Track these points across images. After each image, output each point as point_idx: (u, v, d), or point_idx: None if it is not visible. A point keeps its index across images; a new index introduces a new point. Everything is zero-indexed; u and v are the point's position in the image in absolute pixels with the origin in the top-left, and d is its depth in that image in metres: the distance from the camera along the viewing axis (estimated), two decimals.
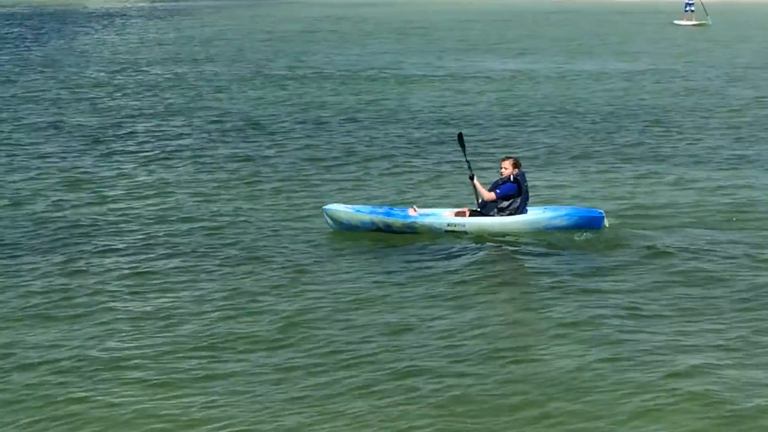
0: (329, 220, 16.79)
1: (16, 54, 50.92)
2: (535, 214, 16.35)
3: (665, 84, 36.85)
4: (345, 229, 16.70)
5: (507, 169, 16.24)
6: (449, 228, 16.35)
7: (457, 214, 16.61)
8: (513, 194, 16.28)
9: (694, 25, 64.23)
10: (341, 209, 16.81)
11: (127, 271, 14.87)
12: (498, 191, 16.27)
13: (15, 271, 14.91)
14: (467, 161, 17.10)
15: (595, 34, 59.06)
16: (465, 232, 16.29)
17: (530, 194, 16.57)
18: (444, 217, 16.55)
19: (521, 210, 16.29)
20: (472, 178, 16.56)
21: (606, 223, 16.25)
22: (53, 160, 23.24)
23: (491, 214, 16.39)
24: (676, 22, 65.38)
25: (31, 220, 17.89)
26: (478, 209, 16.54)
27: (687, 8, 65.80)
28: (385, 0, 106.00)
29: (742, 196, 19.13)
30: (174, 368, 11.31)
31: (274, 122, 28.64)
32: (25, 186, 20.62)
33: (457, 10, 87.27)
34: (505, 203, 16.30)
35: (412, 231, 16.47)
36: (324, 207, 17.04)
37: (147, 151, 24.43)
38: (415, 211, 16.66)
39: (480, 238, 16.12)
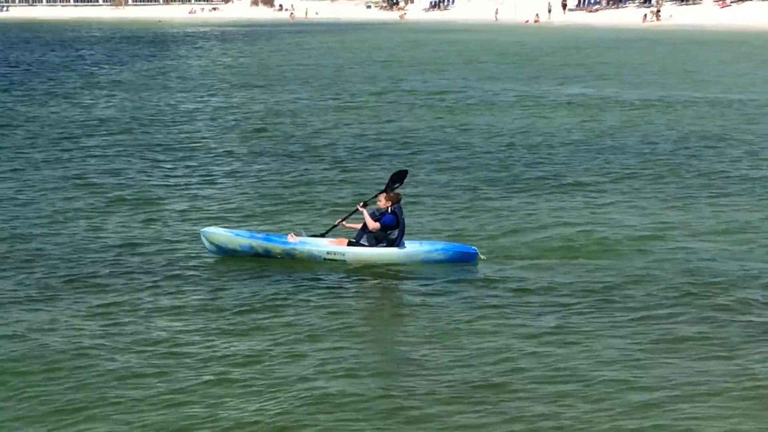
0: (207, 244, 16.53)
1: (90, 75, 52.52)
2: (413, 248, 16.53)
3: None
4: (223, 254, 16.47)
5: (381, 201, 16.45)
6: (328, 256, 16.35)
7: (334, 244, 16.59)
8: (392, 226, 16.35)
9: None
10: (220, 233, 16.59)
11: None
12: (382, 221, 16.30)
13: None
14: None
15: (669, 63, 57.73)
16: (344, 261, 16.27)
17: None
18: (323, 245, 16.47)
19: (398, 242, 16.44)
20: (364, 206, 16.57)
21: (481, 257, 16.54)
22: (108, 180, 23.55)
23: (368, 245, 16.39)
24: None
25: (69, 240, 18.03)
26: (354, 239, 16.53)
27: None
28: (474, 26, 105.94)
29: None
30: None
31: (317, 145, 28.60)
32: (74, 204, 20.86)
33: (546, 37, 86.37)
34: (383, 234, 16.32)
35: (291, 257, 16.34)
36: (202, 230, 16.79)
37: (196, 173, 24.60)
38: (293, 237, 16.54)
39: (358, 267, 16.16)
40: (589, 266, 16.38)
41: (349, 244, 16.52)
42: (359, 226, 16.58)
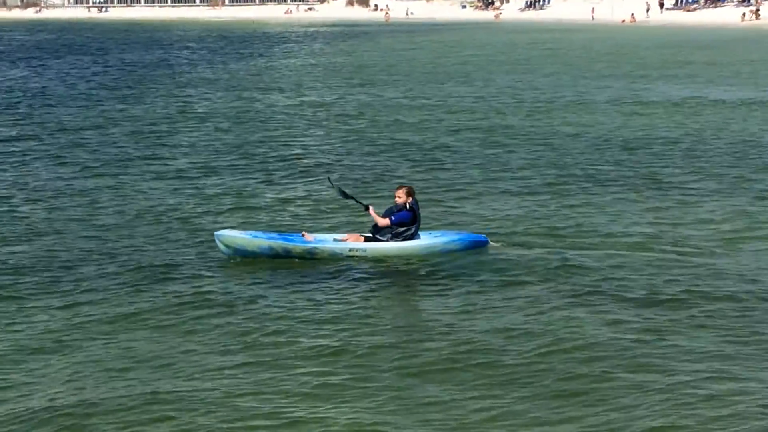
0: (222, 247, 16.31)
1: (187, 74, 53.67)
2: (430, 239, 16.85)
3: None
4: (239, 255, 16.25)
5: (401, 197, 16.56)
6: (350, 253, 16.38)
7: (349, 240, 16.69)
8: (408, 222, 16.57)
9: None
10: (236, 235, 16.41)
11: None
12: (393, 218, 16.55)
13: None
14: (354, 200, 17.25)
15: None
16: (365, 257, 16.34)
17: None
18: (344, 242, 16.58)
19: (415, 236, 16.71)
20: (367, 209, 16.84)
21: (493, 244, 17.15)
22: (202, 176, 24.02)
23: (385, 239, 16.56)
24: None
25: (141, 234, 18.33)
26: (371, 234, 16.67)
27: None
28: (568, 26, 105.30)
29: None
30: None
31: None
32: (168, 199, 21.24)
33: (643, 36, 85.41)
34: (401, 229, 16.55)
35: (311, 256, 16.31)
36: (216, 233, 16.52)
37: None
38: (308, 236, 16.56)
39: (379, 262, 16.24)
40: (674, 262, 16.20)
41: (366, 240, 16.61)
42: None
